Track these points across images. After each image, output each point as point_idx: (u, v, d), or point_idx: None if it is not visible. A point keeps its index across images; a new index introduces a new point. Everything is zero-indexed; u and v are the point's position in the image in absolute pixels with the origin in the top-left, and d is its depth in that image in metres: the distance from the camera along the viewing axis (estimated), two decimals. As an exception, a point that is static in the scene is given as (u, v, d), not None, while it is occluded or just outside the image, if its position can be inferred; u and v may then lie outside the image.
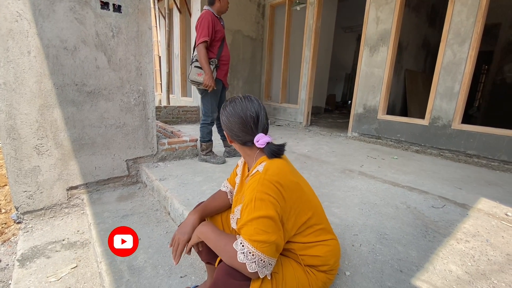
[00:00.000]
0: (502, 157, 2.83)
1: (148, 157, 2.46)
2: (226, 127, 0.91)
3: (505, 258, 1.27)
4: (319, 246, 0.88)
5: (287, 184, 0.80)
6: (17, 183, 1.84)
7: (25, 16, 1.71)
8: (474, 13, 2.90)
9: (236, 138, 0.90)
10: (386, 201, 1.86)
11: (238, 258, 0.72)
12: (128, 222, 1.77)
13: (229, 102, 0.91)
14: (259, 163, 0.85)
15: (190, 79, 2.43)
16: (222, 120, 0.92)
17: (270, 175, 0.78)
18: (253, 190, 0.77)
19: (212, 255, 1.00)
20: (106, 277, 1.26)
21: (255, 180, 0.79)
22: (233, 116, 0.88)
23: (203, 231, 0.87)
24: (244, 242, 0.73)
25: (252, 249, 0.72)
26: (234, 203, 0.97)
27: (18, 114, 1.77)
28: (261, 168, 0.81)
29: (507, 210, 1.79)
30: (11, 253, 1.66)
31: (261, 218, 0.74)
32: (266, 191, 0.76)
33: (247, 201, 0.77)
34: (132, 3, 2.11)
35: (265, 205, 0.75)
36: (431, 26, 5.72)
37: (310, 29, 4.71)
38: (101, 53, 2.03)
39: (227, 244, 0.77)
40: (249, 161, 0.95)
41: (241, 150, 0.94)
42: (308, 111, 5.06)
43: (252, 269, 0.71)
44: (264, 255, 0.72)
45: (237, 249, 0.74)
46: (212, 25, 2.35)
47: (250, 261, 0.71)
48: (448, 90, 3.16)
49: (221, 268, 0.76)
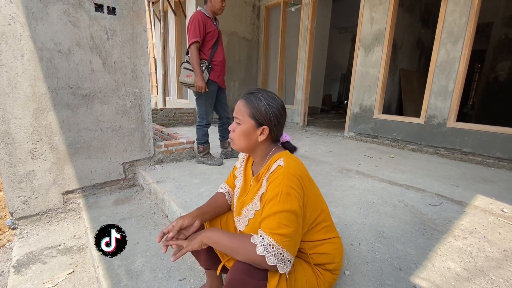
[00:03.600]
0: (497, 154, 2.86)
1: (144, 160, 2.44)
2: (266, 118, 0.85)
3: (503, 254, 1.28)
4: (327, 244, 0.89)
5: (307, 179, 0.83)
6: (11, 188, 1.81)
7: (18, 19, 1.69)
8: (466, 13, 2.94)
9: (274, 130, 0.88)
10: (383, 199, 1.86)
11: (257, 251, 0.71)
12: (126, 225, 1.76)
13: (266, 94, 0.87)
14: (277, 159, 0.84)
15: (180, 81, 2.42)
16: (267, 112, 0.85)
17: (293, 169, 0.79)
18: (279, 184, 0.76)
19: (212, 261, 0.99)
20: (104, 282, 1.24)
21: (279, 174, 0.78)
22: (279, 110, 0.87)
23: (210, 236, 0.82)
24: (264, 235, 0.73)
25: (272, 241, 0.71)
26: (240, 205, 0.95)
27: (12, 118, 1.75)
28: (282, 163, 0.80)
29: (503, 206, 1.81)
30: (6, 259, 1.64)
31: (286, 212, 0.74)
32: (292, 185, 0.76)
33: (272, 195, 0.76)
34: (127, 5, 2.10)
35: (291, 199, 0.75)
36: (424, 26, 5.78)
37: (305, 30, 4.73)
38: (96, 56, 2.01)
39: (243, 240, 0.76)
40: (260, 159, 0.93)
41: (258, 146, 0.90)
42: (305, 112, 5.07)
43: (271, 262, 0.71)
44: (284, 249, 0.72)
45: (256, 242, 0.73)
46: (203, 25, 2.32)
47: (270, 253, 0.71)
48: (443, 89, 3.19)
49: (237, 267, 0.74)
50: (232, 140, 0.91)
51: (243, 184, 1.00)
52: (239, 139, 0.88)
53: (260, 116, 0.85)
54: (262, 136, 0.87)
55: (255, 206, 0.87)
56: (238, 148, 0.91)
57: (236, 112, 0.89)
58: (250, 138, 0.87)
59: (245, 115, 0.86)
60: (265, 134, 0.87)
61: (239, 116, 0.87)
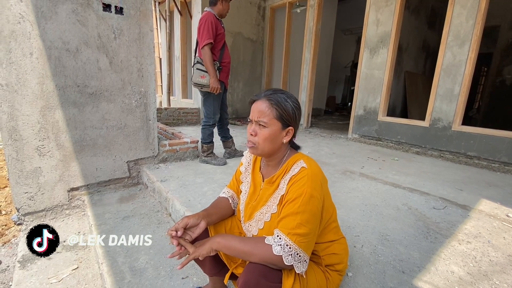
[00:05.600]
0: (503, 159, 2.84)
1: (149, 159, 2.46)
2: (293, 119, 0.84)
3: (507, 259, 1.27)
4: (336, 244, 0.90)
5: (325, 181, 0.84)
6: (18, 184, 1.84)
7: (27, 18, 1.72)
8: (473, 15, 2.92)
9: (295, 127, 0.87)
10: (387, 202, 1.86)
11: (274, 251, 0.72)
12: (129, 223, 1.77)
13: (289, 95, 0.86)
14: (296, 160, 0.84)
15: (193, 82, 2.43)
16: (294, 113, 0.84)
17: (316, 171, 0.80)
18: (303, 185, 0.76)
19: (217, 269, 0.98)
20: (108, 278, 1.26)
21: (303, 175, 0.78)
22: (297, 108, 0.86)
23: (220, 241, 0.80)
24: (281, 235, 0.74)
25: (289, 242, 0.72)
26: (251, 210, 0.93)
27: (20, 115, 1.77)
28: (305, 165, 0.80)
29: (508, 211, 1.79)
30: (12, 254, 1.66)
31: (307, 213, 0.75)
32: (316, 187, 0.77)
33: (295, 196, 0.76)
34: (134, 5, 2.13)
35: (313, 201, 0.76)
36: (430, 28, 5.74)
37: (310, 31, 4.73)
38: (103, 55, 2.04)
39: (258, 242, 0.76)
40: (276, 162, 0.90)
41: (281, 148, 0.87)
42: (309, 113, 5.07)
43: (288, 262, 0.71)
44: (301, 250, 0.73)
45: (273, 242, 0.73)
46: (215, 26, 2.34)
47: (287, 253, 0.72)
48: (448, 92, 3.17)
49: (253, 269, 0.73)
50: (254, 145, 0.85)
51: (251, 189, 0.98)
52: (264, 143, 0.83)
53: (287, 117, 0.83)
54: (287, 137, 0.86)
55: (271, 209, 0.85)
56: (261, 153, 0.86)
57: (258, 114, 0.83)
58: (276, 141, 0.84)
59: (271, 117, 0.82)
60: (290, 135, 0.86)
61: (263, 118, 0.82)
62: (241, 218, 0.98)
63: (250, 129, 0.86)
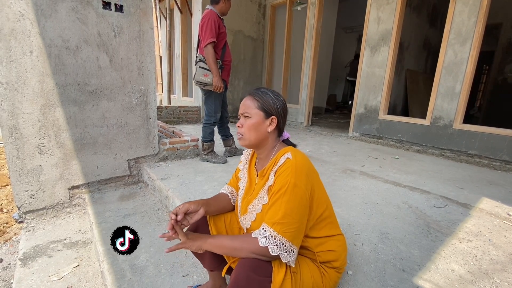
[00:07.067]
0: (504, 157, 2.83)
1: (149, 157, 2.46)
2: (274, 108, 0.90)
3: (508, 258, 1.27)
4: (332, 241, 0.90)
5: (313, 172, 0.85)
6: (19, 183, 1.84)
7: (27, 16, 1.71)
8: (475, 13, 2.90)
9: (281, 123, 0.93)
10: (387, 200, 1.86)
11: (260, 243, 0.74)
12: (130, 221, 1.78)
13: (271, 90, 0.93)
14: (284, 153, 0.86)
15: (196, 80, 2.42)
16: (275, 103, 0.90)
17: (301, 161, 0.81)
18: (288, 175, 0.78)
19: (217, 263, 1.00)
20: (108, 276, 1.26)
21: (288, 166, 0.80)
22: (284, 103, 0.93)
23: (211, 241, 0.83)
24: (266, 227, 0.76)
25: (273, 233, 0.74)
26: (245, 204, 0.96)
27: (20, 113, 1.77)
28: (290, 156, 0.82)
29: (509, 209, 1.79)
30: (13, 252, 1.67)
31: (290, 203, 0.76)
32: (300, 177, 0.78)
33: (279, 186, 0.78)
34: (134, 3, 2.12)
35: (296, 191, 0.77)
36: (432, 26, 5.71)
37: (311, 29, 4.71)
38: (103, 53, 2.03)
39: (245, 237, 0.79)
40: (266, 154, 0.94)
41: (267, 138, 0.91)
42: (309, 111, 5.06)
43: (274, 252, 0.74)
44: (285, 239, 0.74)
45: (259, 235, 0.76)
46: (218, 25, 2.33)
47: (272, 244, 0.74)
48: (450, 90, 3.16)
49: (243, 264, 0.75)
50: (241, 136, 0.91)
51: (248, 184, 1.01)
52: (249, 132, 0.89)
53: (268, 107, 0.89)
54: (271, 127, 0.90)
55: (262, 200, 0.88)
56: (248, 143, 0.91)
57: (243, 109, 0.91)
58: (259, 130, 0.89)
59: (253, 108, 0.89)
60: (273, 125, 0.90)
61: (247, 110, 0.90)
62: (238, 213, 1.01)
63: (238, 122, 0.94)
